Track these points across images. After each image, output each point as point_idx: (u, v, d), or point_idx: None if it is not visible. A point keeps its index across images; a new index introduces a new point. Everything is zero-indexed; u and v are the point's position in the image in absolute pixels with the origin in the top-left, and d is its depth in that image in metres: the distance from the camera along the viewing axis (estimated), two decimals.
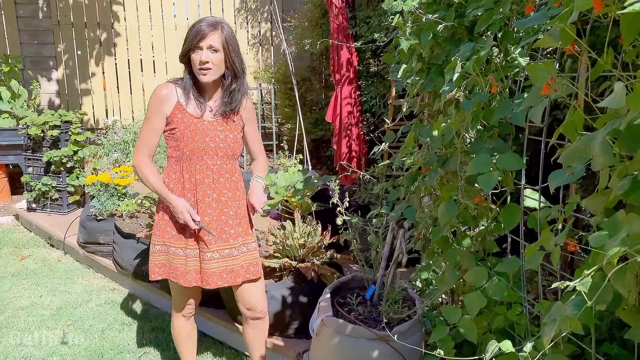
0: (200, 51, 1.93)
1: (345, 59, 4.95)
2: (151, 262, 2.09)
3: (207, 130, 2.01)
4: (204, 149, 2.00)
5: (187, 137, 1.98)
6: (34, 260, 3.88)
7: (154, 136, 2.02)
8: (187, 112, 1.99)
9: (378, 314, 2.17)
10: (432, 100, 2.31)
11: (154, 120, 2.00)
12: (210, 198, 2.04)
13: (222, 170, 2.06)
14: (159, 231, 2.08)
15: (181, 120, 1.99)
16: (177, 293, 2.15)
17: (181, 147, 2.00)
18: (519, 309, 1.82)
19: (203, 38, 1.92)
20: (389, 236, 2.27)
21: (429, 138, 2.02)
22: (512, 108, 1.57)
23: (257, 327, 2.21)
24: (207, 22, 1.95)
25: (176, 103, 1.99)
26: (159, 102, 1.99)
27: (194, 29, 1.94)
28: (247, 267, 2.10)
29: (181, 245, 2.04)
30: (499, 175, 1.55)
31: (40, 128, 4.34)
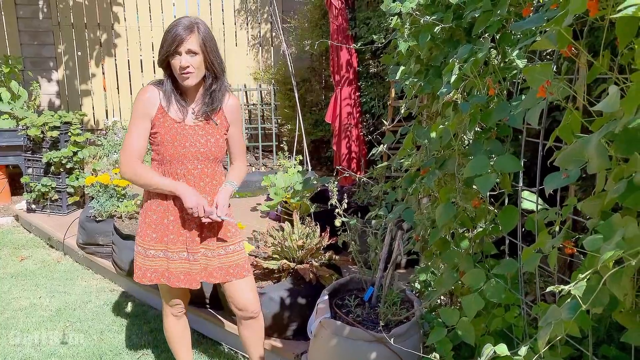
0: (179, 56, 1.91)
1: (345, 60, 4.95)
2: (134, 262, 2.10)
3: (188, 135, 2.00)
4: (184, 154, 1.99)
5: (167, 141, 1.98)
6: (34, 261, 3.89)
7: (143, 141, 1.98)
8: (168, 116, 1.98)
9: (376, 315, 2.16)
10: (431, 101, 2.31)
11: (141, 125, 1.97)
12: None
13: (202, 175, 2.05)
14: (141, 232, 2.07)
15: (162, 124, 1.98)
16: (164, 292, 2.16)
17: (162, 152, 1.99)
18: (517, 311, 1.82)
19: (181, 43, 1.90)
20: (387, 238, 2.27)
21: (426, 140, 2.02)
22: (509, 110, 1.57)
23: (251, 327, 2.21)
24: (183, 25, 1.92)
25: (158, 106, 1.98)
26: (144, 106, 1.97)
27: (171, 34, 1.91)
28: (227, 269, 2.10)
29: (161, 248, 2.04)
30: (497, 177, 1.55)
31: (40, 129, 4.34)
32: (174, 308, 2.19)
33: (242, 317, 2.17)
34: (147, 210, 2.04)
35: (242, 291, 2.13)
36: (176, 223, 2.02)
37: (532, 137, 1.70)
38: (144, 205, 2.08)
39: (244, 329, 2.21)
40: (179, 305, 2.20)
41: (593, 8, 0.94)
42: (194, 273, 2.05)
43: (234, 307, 2.16)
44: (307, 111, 6.19)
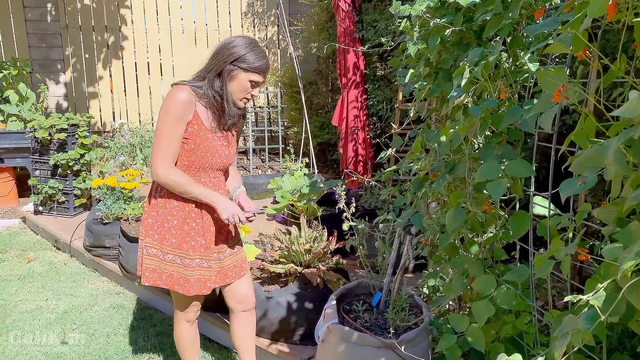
0: (255, 85, 1.91)
1: (351, 62, 4.93)
2: (143, 265, 2.05)
3: (217, 146, 1.99)
4: (211, 164, 2.00)
5: (201, 151, 1.95)
6: (40, 263, 3.89)
7: (177, 145, 1.91)
8: (203, 125, 1.94)
9: (384, 321, 2.14)
10: (440, 105, 2.29)
11: (177, 128, 1.88)
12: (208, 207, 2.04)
13: (219, 182, 2.08)
14: (157, 235, 2.02)
15: (197, 132, 1.93)
16: (178, 298, 2.14)
17: (191, 159, 1.96)
18: (527, 317, 1.80)
19: (264, 74, 1.92)
20: (396, 242, 2.25)
21: (436, 144, 2.00)
22: (521, 114, 1.55)
23: (247, 321, 2.22)
24: (267, 58, 1.93)
25: (194, 112, 1.91)
26: (182, 109, 1.87)
27: (259, 59, 1.88)
28: (239, 265, 2.16)
29: (179, 254, 2.02)
30: (508, 182, 1.53)
31: (48, 131, 4.35)
32: (188, 314, 2.17)
33: (240, 309, 2.19)
34: (167, 215, 2.00)
35: (242, 284, 2.17)
36: (197, 228, 2.01)
37: (540, 141, 1.68)
38: (160, 208, 2.01)
39: (239, 324, 2.22)
40: (194, 311, 2.18)
41: (611, 11, 0.92)
42: (204, 279, 2.04)
43: (232, 300, 2.18)
44: (314, 114, 6.18)
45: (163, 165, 1.90)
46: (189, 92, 1.89)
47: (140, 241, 2.08)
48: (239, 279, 2.16)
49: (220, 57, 1.89)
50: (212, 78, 1.90)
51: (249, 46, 1.89)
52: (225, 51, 1.88)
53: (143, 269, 2.05)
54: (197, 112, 1.92)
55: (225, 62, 1.87)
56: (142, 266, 2.06)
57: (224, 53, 1.88)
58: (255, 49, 1.89)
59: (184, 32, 6.98)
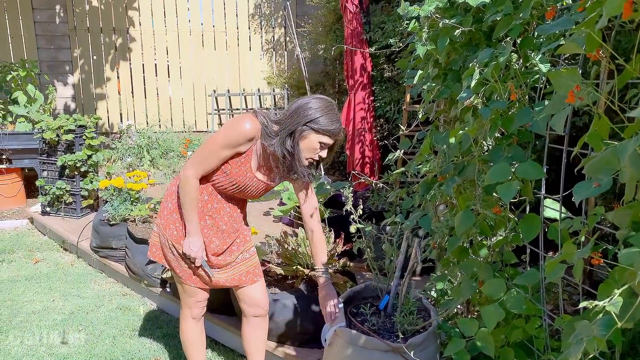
0: (323, 146, 1.90)
1: (359, 64, 4.92)
2: (152, 238, 2.15)
3: (250, 186, 2.00)
4: (234, 194, 2.03)
5: (231, 180, 1.96)
6: (48, 264, 3.90)
7: (218, 163, 1.92)
8: (249, 164, 1.95)
9: (392, 324, 2.12)
10: (449, 106, 2.27)
11: (225, 152, 1.89)
12: (220, 229, 2.07)
13: (237, 207, 2.11)
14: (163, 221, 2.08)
15: (239, 165, 1.94)
16: (185, 292, 2.14)
17: (219, 182, 1.98)
18: (538, 322, 1.77)
19: (335, 137, 1.91)
20: (404, 245, 2.23)
21: (445, 145, 1.98)
22: (532, 116, 1.53)
23: (259, 326, 2.23)
24: (340, 122, 1.92)
25: (250, 149, 1.92)
26: (242, 139, 1.88)
27: (333, 122, 1.87)
28: (252, 271, 2.18)
29: (178, 248, 2.05)
30: (519, 184, 1.50)
31: (55, 132, 4.37)
32: (194, 309, 2.17)
33: (253, 314, 2.20)
34: (178, 207, 2.04)
35: (256, 288, 2.18)
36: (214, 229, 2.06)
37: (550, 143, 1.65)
38: (175, 199, 2.06)
39: (251, 329, 2.23)
40: (200, 307, 2.18)
41: (627, 10, 0.90)
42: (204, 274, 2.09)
43: (245, 304, 2.19)
44: None
45: (192, 172, 1.93)
46: (256, 129, 1.89)
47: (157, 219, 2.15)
48: (253, 284, 2.17)
49: (295, 117, 1.86)
50: (285, 137, 1.87)
51: (325, 109, 1.87)
52: (301, 112, 1.86)
53: (150, 244, 2.13)
54: (253, 151, 1.93)
55: (299, 123, 1.85)
56: (151, 241, 2.14)
57: (299, 113, 1.86)
58: (330, 113, 1.88)
59: (191, 34, 6.99)
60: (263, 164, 1.98)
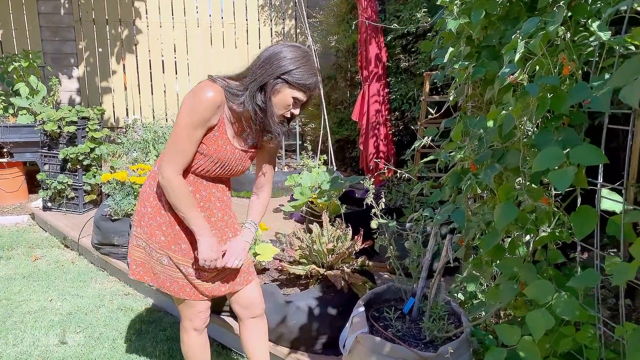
0: (296, 104, 1.68)
1: (373, 54, 4.69)
2: (131, 255, 1.89)
3: (233, 159, 1.77)
4: (220, 174, 1.80)
5: (212, 160, 1.73)
6: (47, 262, 3.71)
7: (194, 148, 1.68)
8: (225, 134, 1.72)
9: (418, 330, 1.91)
10: (482, 88, 2.06)
11: (199, 133, 1.65)
12: (216, 217, 1.85)
13: (225, 189, 1.89)
14: (147, 228, 1.82)
15: (216, 140, 1.71)
16: (184, 305, 1.92)
17: (199, 163, 1.74)
18: (590, 330, 1.55)
19: (310, 93, 1.68)
20: (431, 242, 2.01)
21: (482, 130, 1.76)
22: (590, 91, 1.31)
23: (256, 328, 2.01)
24: (317, 76, 1.68)
25: (221, 118, 1.69)
26: (210, 110, 1.63)
27: (310, 76, 1.64)
28: (246, 270, 1.96)
29: (167, 255, 1.82)
30: (575, 170, 1.28)
31: (57, 124, 4.18)
32: (195, 322, 1.93)
33: (247, 316, 1.99)
34: (161, 208, 1.80)
35: (251, 288, 1.97)
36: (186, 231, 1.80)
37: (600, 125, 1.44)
38: (156, 199, 1.81)
39: (248, 331, 2.02)
40: (202, 319, 1.94)
41: None
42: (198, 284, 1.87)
43: (237, 306, 1.99)
44: (332, 109, 5.95)
45: (170, 168, 1.68)
46: (220, 93, 1.65)
47: (132, 228, 1.89)
48: (248, 284, 1.96)
49: (267, 68, 1.62)
50: (255, 90, 1.64)
51: (301, 60, 1.63)
52: (274, 62, 1.62)
53: (131, 260, 1.88)
54: (224, 118, 1.70)
55: (271, 75, 1.62)
56: (130, 257, 1.88)
57: (272, 64, 1.62)
58: (306, 65, 1.64)
59: (199, 26, 6.80)
60: (239, 130, 1.75)
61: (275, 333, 2.30)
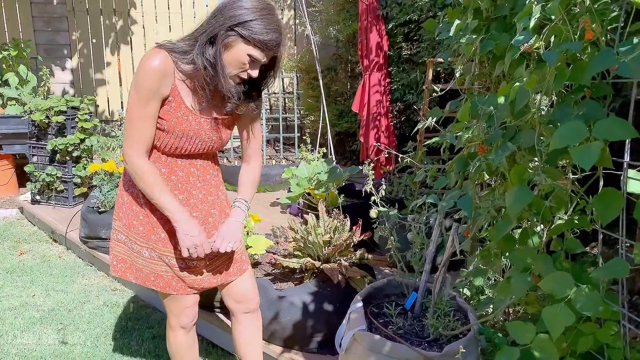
0: (254, 64, 1.49)
1: (374, 42, 4.53)
2: (112, 251, 1.72)
3: (201, 131, 1.58)
4: (190, 151, 1.61)
5: (176, 135, 1.55)
6: (33, 256, 3.55)
7: (151, 125, 1.52)
8: (183, 104, 1.54)
9: (421, 327, 1.75)
10: (491, 65, 1.90)
11: (149, 106, 1.49)
12: (196, 199, 1.67)
13: (206, 166, 1.69)
14: (125, 220, 1.67)
15: (174, 112, 1.53)
16: (169, 301, 1.76)
17: (164, 140, 1.57)
18: (614, 327, 1.39)
19: (270, 52, 1.48)
20: (435, 232, 1.85)
21: (492, 107, 1.60)
22: (616, 57, 1.15)
23: (251, 324, 1.85)
24: (279, 32, 1.48)
25: (173, 86, 1.51)
26: (155, 81, 1.47)
27: (269, 31, 1.44)
28: (239, 259, 1.79)
29: (148, 246, 1.66)
30: (601, 146, 1.12)
31: (45, 113, 4.02)
32: (182, 319, 1.77)
33: (241, 311, 1.83)
34: (136, 197, 1.65)
35: (241, 280, 1.80)
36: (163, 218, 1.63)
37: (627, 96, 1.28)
38: (131, 187, 1.66)
39: (243, 328, 1.85)
40: (189, 316, 1.78)
41: None
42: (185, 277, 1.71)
43: (230, 300, 1.82)
44: (332, 101, 5.79)
45: (132, 152, 1.52)
46: (165, 58, 1.48)
47: (112, 223, 1.73)
48: (241, 275, 1.79)
49: (219, 17, 1.44)
50: (204, 43, 1.46)
51: (261, 11, 1.44)
52: (228, 10, 1.44)
53: (112, 256, 1.71)
54: (176, 85, 1.52)
55: (223, 25, 1.43)
56: (112, 253, 1.72)
57: (225, 13, 1.44)
58: (267, 17, 1.44)
59: (195, 16, 6.63)
60: (201, 96, 1.56)
61: (267, 331, 2.14)
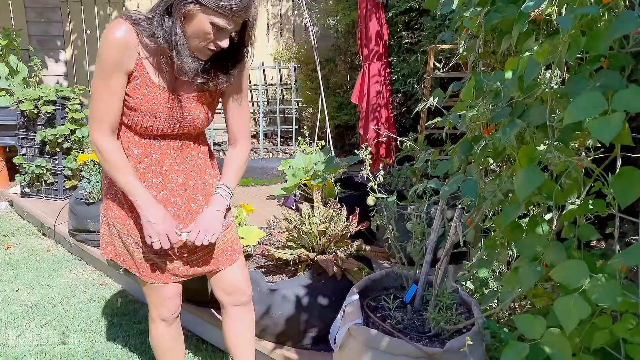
0: (223, 35, 1.35)
1: (374, 31, 4.40)
2: (101, 232, 1.65)
3: (173, 110, 1.46)
4: (164, 129, 1.48)
5: (145, 114, 1.43)
6: (20, 250, 3.44)
7: (116, 102, 1.41)
8: (150, 80, 1.42)
9: (422, 322, 1.63)
10: (497, 41, 1.77)
11: (113, 80, 1.38)
12: (174, 183, 1.54)
13: (186, 148, 1.56)
14: (105, 201, 1.59)
15: (139, 88, 1.42)
16: (150, 291, 1.64)
17: (138, 122, 1.45)
18: (632, 321, 1.27)
19: (235, 18, 1.33)
20: (437, 221, 1.73)
21: (498, 83, 1.48)
22: (637, 22, 1.03)
23: (243, 318, 1.74)
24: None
25: (137, 59, 1.40)
26: (118, 53, 1.35)
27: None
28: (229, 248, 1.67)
29: (124, 232, 1.56)
30: (623, 118, 1.01)
31: (34, 103, 3.90)
32: (162, 311, 1.66)
33: (232, 303, 1.71)
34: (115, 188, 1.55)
35: (231, 271, 1.67)
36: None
37: None
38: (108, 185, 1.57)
39: (233, 322, 1.73)
40: (170, 308, 1.66)
41: None
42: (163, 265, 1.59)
43: (220, 292, 1.70)
44: (331, 93, 5.66)
45: (96, 130, 1.42)
46: (128, 30, 1.36)
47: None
48: (231, 265, 1.67)
49: None
50: (162, 14, 1.33)
51: None
52: None
53: (101, 239, 1.64)
54: (141, 59, 1.40)
55: None
56: (101, 235, 1.64)
57: None
58: None
59: None
60: (168, 72, 1.43)
61: (258, 326, 2.02)
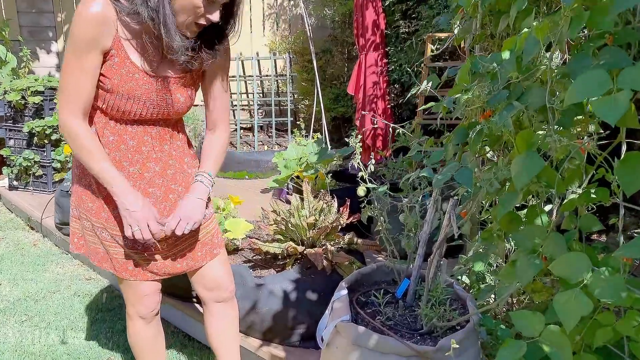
0: (213, 8, 1.27)
1: (370, 20, 4.29)
2: (70, 227, 1.56)
3: (152, 92, 1.37)
4: (142, 114, 1.39)
5: (122, 97, 1.34)
6: (6, 244, 3.35)
7: (89, 82, 1.31)
8: (129, 59, 1.33)
9: (414, 318, 1.54)
10: (494, 22, 1.68)
11: (87, 58, 1.28)
12: (152, 172, 1.45)
13: (165, 134, 1.47)
14: (77, 193, 1.50)
15: (117, 69, 1.32)
16: (126, 287, 1.56)
17: (114, 106, 1.36)
18: (637, 317, 1.18)
19: None
20: (430, 212, 1.64)
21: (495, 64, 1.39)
22: None
23: (225, 314, 1.65)
24: None
25: (115, 37, 1.31)
26: (93, 28, 1.26)
27: None
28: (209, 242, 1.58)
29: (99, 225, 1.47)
30: (630, 95, 0.92)
31: (21, 94, 3.80)
32: (139, 308, 1.57)
33: (213, 299, 1.62)
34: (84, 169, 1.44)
35: (211, 265, 1.58)
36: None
37: None
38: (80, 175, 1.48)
39: (214, 319, 1.65)
40: (148, 305, 1.58)
41: None
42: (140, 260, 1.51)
43: (201, 287, 1.62)
44: (327, 85, 5.56)
45: (66, 111, 1.33)
46: (106, 4, 1.26)
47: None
48: (212, 259, 1.58)
49: None
50: None
51: None
52: None
53: (71, 233, 1.55)
54: (119, 37, 1.30)
55: None
56: (71, 229, 1.55)
57: None
58: None
59: None
60: (150, 52, 1.34)
61: (244, 322, 1.94)
